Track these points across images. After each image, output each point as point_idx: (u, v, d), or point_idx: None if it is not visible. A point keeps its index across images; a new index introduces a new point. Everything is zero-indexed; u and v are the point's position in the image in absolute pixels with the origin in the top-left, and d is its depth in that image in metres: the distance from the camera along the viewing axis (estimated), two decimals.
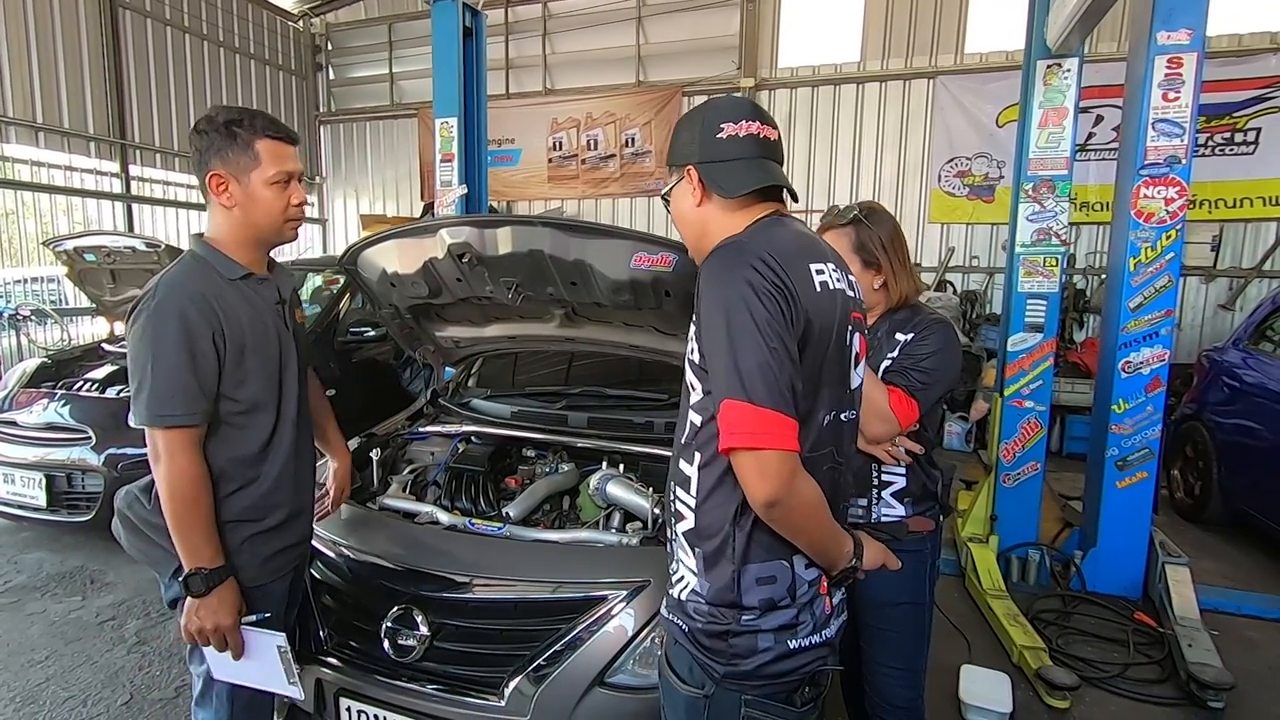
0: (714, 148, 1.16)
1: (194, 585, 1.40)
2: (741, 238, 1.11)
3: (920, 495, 1.72)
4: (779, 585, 1.10)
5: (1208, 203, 6.94)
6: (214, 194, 1.48)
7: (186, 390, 1.38)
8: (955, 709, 2.53)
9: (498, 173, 9.41)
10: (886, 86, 8.07)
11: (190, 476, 1.39)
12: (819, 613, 1.14)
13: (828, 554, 1.13)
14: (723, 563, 1.10)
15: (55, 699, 2.57)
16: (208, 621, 1.41)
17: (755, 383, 0.99)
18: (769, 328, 1.01)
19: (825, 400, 1.13)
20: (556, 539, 1.92)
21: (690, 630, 1.14)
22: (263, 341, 1.51)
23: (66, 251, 4.46)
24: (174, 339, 1.37)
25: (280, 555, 1.58)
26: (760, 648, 1.10)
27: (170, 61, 8.54)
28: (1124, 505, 3.40)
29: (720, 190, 1.16)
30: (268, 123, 1.49)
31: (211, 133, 1.45)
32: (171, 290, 1.41)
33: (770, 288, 1.02)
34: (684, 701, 1.16)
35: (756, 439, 0.99)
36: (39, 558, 3.73)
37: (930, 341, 1.64)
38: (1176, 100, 3.11)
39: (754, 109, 1.19)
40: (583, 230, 1.89)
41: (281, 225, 1.54)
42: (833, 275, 1.14)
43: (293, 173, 1.51)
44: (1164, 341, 3.28)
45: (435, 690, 1.64)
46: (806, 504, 1.05)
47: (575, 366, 3.13)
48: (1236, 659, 2.89)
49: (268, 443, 1.53)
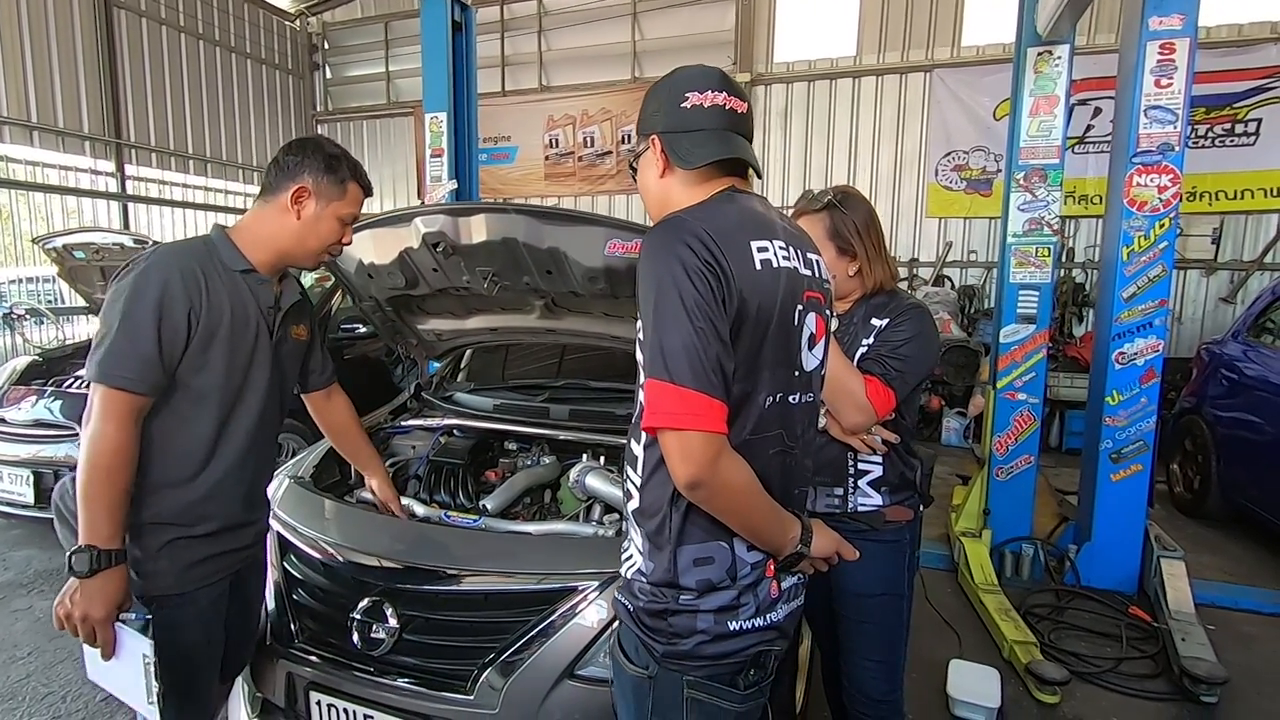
0: (678, 117, 1.14)
1: (78, 563, 1.30)
2: (682, 214, 1.08)
3: (898, 484, 1.68)
4: (717, 567, 1.09)
5: (1208, 194, 6.88)
6: (292, 202, 1.50)
7: (144, 357, 1.35)
8: (944, 704, 2.50)
9: (494, 170, 9.41)
10: (883, 80, 8.03)
11: (114, 446, 1.33)
12: (763, 596, 1.12)
13: (765, 538, 1.10)
14: (661, 542, 1.09)
15: (35, 695, 2.55)
16: (78, 609, 1.32)
17: (679, 363, 0.97)
18: (696, 308, 0.98)
19: (767, 382, 1.09)
20: (531, 531, 1.89)
21: (634, 609, 1.14)
22: (238, 336, 1.48)
23: (56, 249, 4.45)
24: (150, 303, 1.36)
25: (207, 563, 1.51)
26: (699, 628, 1.09)
27: (166, 61, 8.55)
28: (1118, 498, 3.36)
29: (679, 161, 1.14)
30: (362, 171, 1.61)
31: (315, 154, 1.52)
32: (164, 258, 1.42)
33: (702, 265, 0.99)
34: (631, 682, 1.15)
35: (679, 419, 0.97)
36: (28, 555, 3.72)
37: (906, 327, 1.60)
38: (1169, 87, 3.07)
39: (722, 79, 1.16)
40: (556, 217, 1.86)
41: (318, 255, 1.59)
42: (779, 253, 1.10)
43: (358, 218, 1.62)
44: (1158, 332, 3.23)
45: (405, 684, 1.61)
46: (733, 487, 1.03)
47: (567, 360, 3.11)
48: (1232, 654, 2.86)
49: (212, 445, 1.48)
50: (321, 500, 2.03)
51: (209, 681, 1.60)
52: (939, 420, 6.38)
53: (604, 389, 2.66)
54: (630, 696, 1.16)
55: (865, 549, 1.62)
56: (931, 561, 3.64)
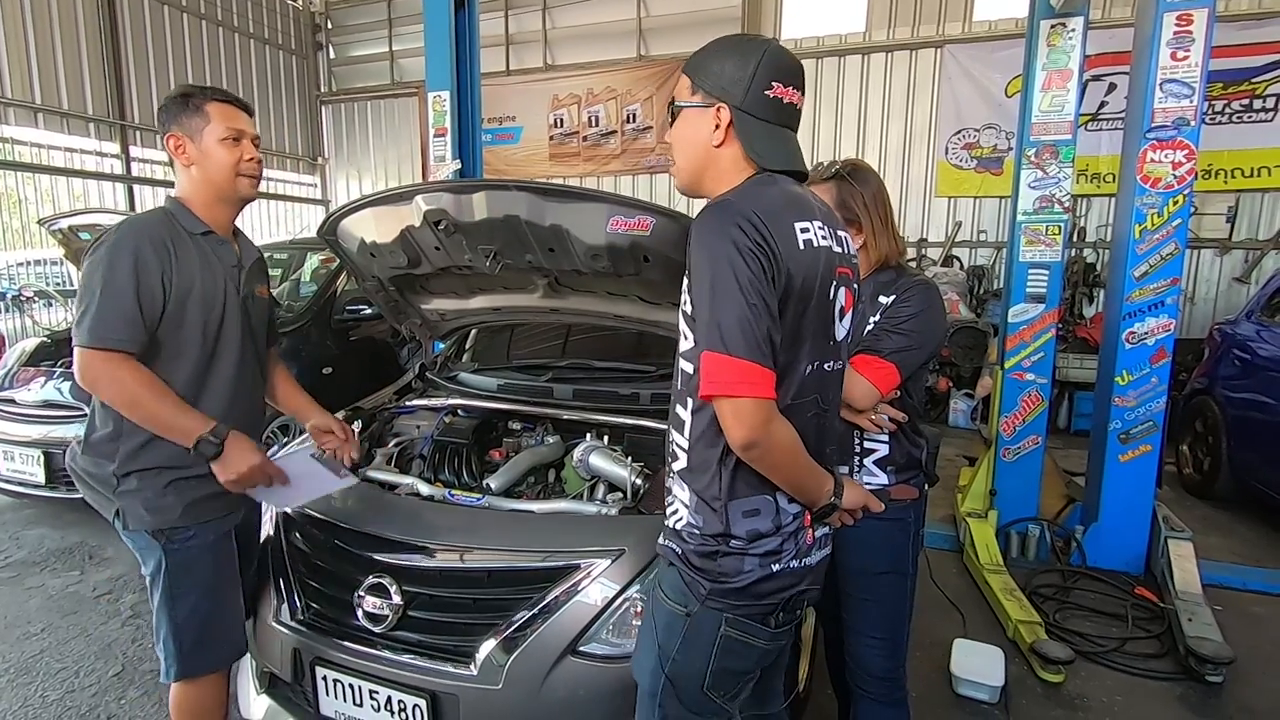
0: (760, 103, 1.17)
1: (206, 450, 1.51)
2: (730, 197, 1.15)
3: (904, 464, 1.67)
4: (764, 518, 1.18)
5: (1224, 172, 6.75)
6: (174, 155, 1.62)
7: (129, 318, 1.47)
8: (948, 683, 2.50)
9: (499, 151, 9.35)
10: (892, 57, 7.89)
11: (138, 379, 1.48)
12: (801, 542, 1.22)
13: (805, 491, 1.20)
14: (711, 498, 1.18)
15: (49, 670, 2.59)
16: (241, 467, 1.53)
17: (734, 336, 1.06)
18: (750, 285, 1.06)
19: (807, 352, 1.18)
20: (534, 509, 1.89)
21: (684, 552, 1.22)
22: (209, 295, 1.60)
23: (61, 231, 4.45)
24: (126, 270, 1.48)
25: (212, 501, 1.63)
26: (745, 569, 1.18)
27: (169, 42, 8.49)
28: (1127, 479, 3.34)
29: (756, 155, 1.18)
30: (218, 90, 1.66)
31: (168, 103, 1.62)
32: (132, 228, 1.54)
33: (753, 246, 1.07)
34: (666, 615, 1.24)
35: (735, 387, 1.07)
36: (40, 534, 3.77)
37: (911, 304, 1.59)
38: (1186, 60, 2.99)
39: (802, 76, 1.22)
40: (558, 194, 1.84)
41: (235, 179, 1.64)
42: (818, 233, 1.18)
43: (244, 132, 1.64)
44: (1169, 311, 3.19)
45: (409, 659, 1.62)
46: (782, 447, 1.12)
47: (571, 341, 3.09)
48: (1240, 634, 2.84)
49: (194, 395, 1.59)
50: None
51: (233, 615, 1.72)
52: (946, 401, 6.34)
53: (608, 369, 2.65)
54: (660, 630, 1.24)
55: (870, 527, 1.62)
56: (937, 542, 3.63)
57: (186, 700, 1.69)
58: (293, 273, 5.46)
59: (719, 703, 1.24)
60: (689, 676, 1.22)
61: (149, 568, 1.63)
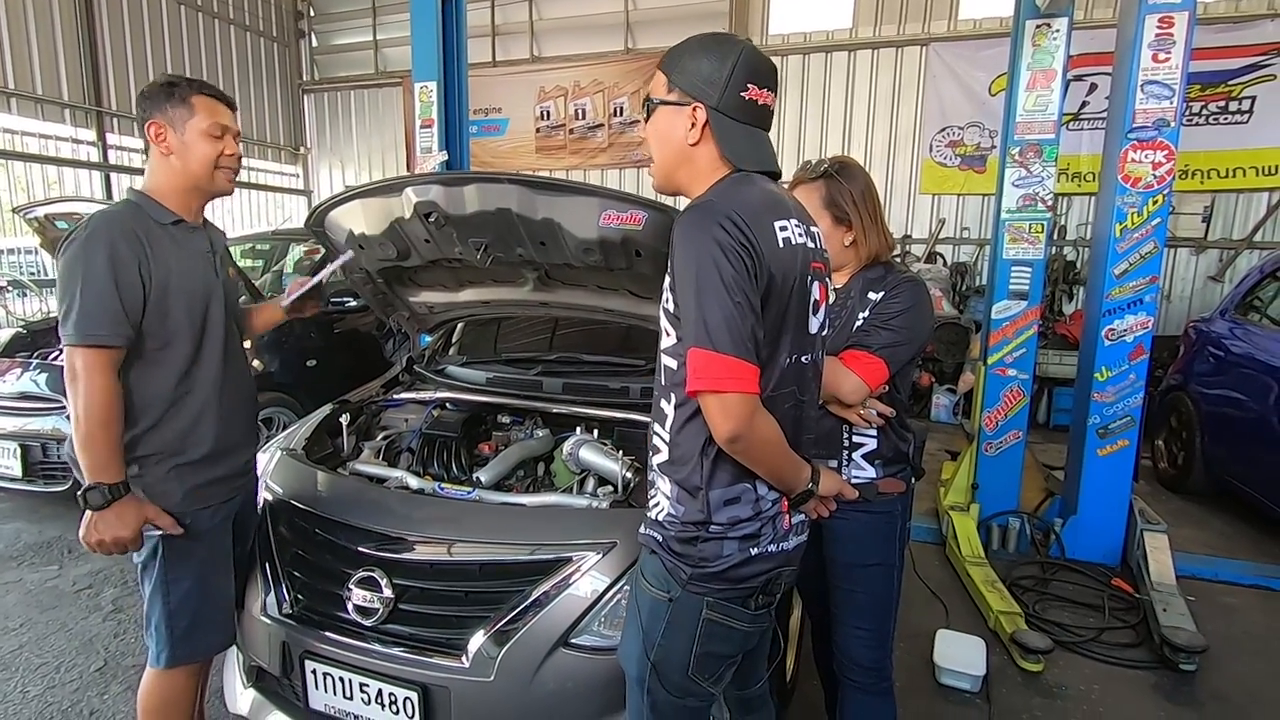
0: (735, 104, 1.20)
1: (93, 499, 1.49)
2: (711, 197, 1.18)
3: (891, 457, 1.69)
4: (744, 504, 1.22)
5: (1200, 173, 6.88)
6: (154, 142, 1.61)
7: (113, 313, 1.47)
8: (931, 673, 2.55)
9: (485, 143, 9.27)
10: (879, 54, 7.94)
11: (106, 396, 1.48)
12: (779, 527, 1.26)
13: (784, 479, 1.24)
14: (692, 487, 1.22)
15: (28, 665, 2.56)
16: (106, 534, 1.51)
17: (720, 333, 1.09)
18: (734, 283, 1.09)
19: (786, 345, 1.22)
20: (525, 502, 1.90)
21: (664, 539, 1.26)
22: (188, 282, 1.61)
23: (38, 219, 4.37)
24: (102, 265, 1.47)
25: (211, 486, 1.67)
26: (725, 553, 1.21)
27: (147, 26, 8.31)
28: (1104, 473, 3.41)
29: (732, 155, 1.21)
30: (205, 84, 1.66)
31: (153, 91, 1.62)
32: (103, 223, 1.52)
33: (736, 246, 1.10)
34: (649, 601, 1.27)
35: (720, 383, 1.10)
36: (17, 528, 3.70)
37: (900, 300, 1.61)
38: (1167, 61, 3.05)
39: (775, 76, 1.25)
40: (550, 187, 1.84)
41: (214, 173, 1.65)
42: (795, 231, 1.21)
43: (227, 128, 1.65)
44: (1148, 309, 3.25)
45: (400, 652, 1.62)
46: (765, 439, 1.16)
47: (560, 334, 3.09)
48: (1213, 624, 2.92)
49: (185, 379, 1.62)
50: (314, 472, 2.02)
51: (225, 602, 1.75)
52: (929, 397, 6.41)
53: (597, 362, 2.65)
54: (645, 617, 1.28)
55: (858, 520, 1.65)
56: (920, 535, 3.68)
57: (160, 689, 1.69)
58: (275, 264, 5.39)
59: (704, 686, 1.28)
60: (674, 661, 1.25)
61: (143, 554, 1.63)
